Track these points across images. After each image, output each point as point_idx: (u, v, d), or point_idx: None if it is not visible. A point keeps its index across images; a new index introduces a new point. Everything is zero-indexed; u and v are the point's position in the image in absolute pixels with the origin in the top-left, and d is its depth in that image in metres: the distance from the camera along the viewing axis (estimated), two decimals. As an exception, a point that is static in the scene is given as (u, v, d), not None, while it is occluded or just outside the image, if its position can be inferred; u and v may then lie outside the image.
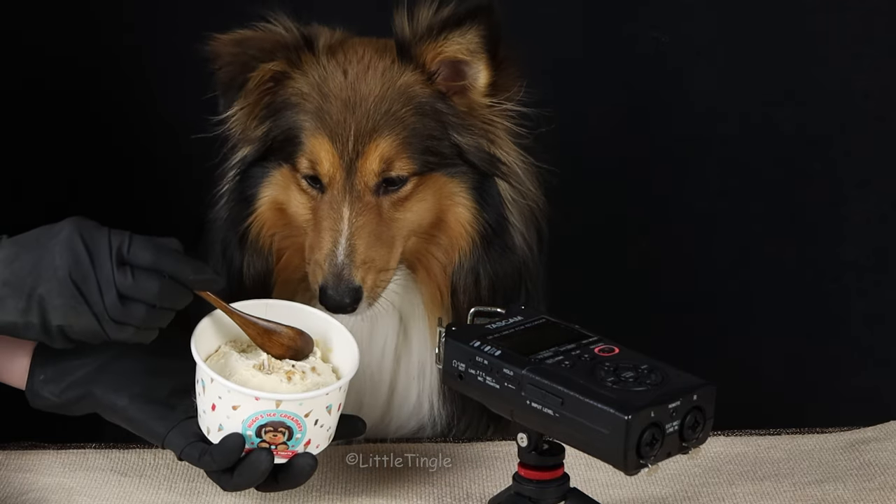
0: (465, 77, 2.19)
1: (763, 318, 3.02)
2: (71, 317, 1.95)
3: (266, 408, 1.96)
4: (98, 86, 2.86)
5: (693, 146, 2.97)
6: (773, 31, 2.92)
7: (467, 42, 2.15)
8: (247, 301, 2.09)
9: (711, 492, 2.11)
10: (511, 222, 2.23)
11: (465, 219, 2.21)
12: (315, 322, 2.11)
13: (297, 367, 2.02)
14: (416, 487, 2.13)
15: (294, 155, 2.18)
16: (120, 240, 1.96)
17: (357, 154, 2.14)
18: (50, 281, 1.94)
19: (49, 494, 2.09)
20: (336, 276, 2.11)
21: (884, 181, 2.98)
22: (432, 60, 2.17)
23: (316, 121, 2.16)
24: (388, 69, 2.19)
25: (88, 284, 1.94)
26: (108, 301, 1.94)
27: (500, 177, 2.22)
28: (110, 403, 2.04)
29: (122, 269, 1.95)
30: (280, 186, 2.22)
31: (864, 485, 2.11)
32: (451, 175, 2.19)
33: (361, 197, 2.15)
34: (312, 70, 2.19)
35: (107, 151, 2.88)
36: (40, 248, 1.95)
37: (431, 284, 2.24)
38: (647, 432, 1.79)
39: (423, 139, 2.17)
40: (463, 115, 2.20)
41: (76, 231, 1.95)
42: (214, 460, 1.98)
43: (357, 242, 2.13)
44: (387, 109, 2.16)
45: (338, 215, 2.14)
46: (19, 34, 2.81)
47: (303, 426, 1.97)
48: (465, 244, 2.21)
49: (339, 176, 2.15)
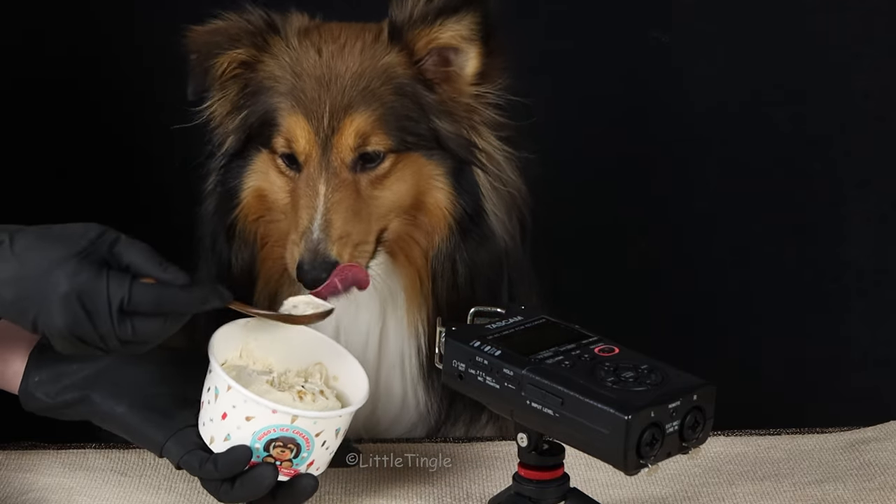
0: (451, 64, 2.20)
1: (763, 318, 3.02)
2: (73, 352, 1.95)
3: (281, 422, 1.94)
4: (97, 76, 2.86)
5: (693, 146, 2.97)
6: (773, 31, 2.92)
7: (461, 29, 2.17)
8: (234, 322, 2.08)
9: (711, 492, 2.11)
10: (489, 211, 2.23)
11: (442, 203, 2.22)
12: (321, 348, 2.10)
13: (307, 388, 2.02)
14: (416, 487, 2.12)
15: (271, 137, 2.19)
16: (120, 294, 1.89)
17: (332, 130, 2.15)
18: (50, 329, 1.91)
19: (49, 494, 2.09)
20: (312, 251, 2.12)
21: (884, 181, 2.98)
22: (424, 46, 2.19)
23: (290, 100, 2.18)
24: (368, 48, 2.20)
25: (90, 337, 1.91)
26: (111, 346, 1.92)
27: (477, 165, 2.22)
28: (108, 410, 2.02)
29: (123, 321, 1.90)
30: (261, 173, 2.23)
31: (864, 485, 2.11)
32: (429, 157, 2.20)
33: (338, 173, 2.16)
34: (283, 53, 2.21)
35: (104, 143, 2.88)
36: (41, 291, 1.90)
37: (411, 270, 2.24)
38: (647, 432, 1.79)
39: (400, 118, 2.18)
40: (444, 102, 2.21)
41: (73, 292, 1.89)
42: (218, 469, 1.95)
43: (333, 217, 2.13)
44: (364, 86, 2.17)
45: (313, 192, 2.15)
46: (16, 27, 2.82)
47: (311, 445, 1.97)
48: (442, 228, 2.22)
49: (314, 153, 2.16)
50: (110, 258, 1.93)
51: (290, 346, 2.09)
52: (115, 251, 1.94)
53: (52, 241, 1.93)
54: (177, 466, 2.00)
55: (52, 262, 1.91)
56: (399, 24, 2.19)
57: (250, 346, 2.07)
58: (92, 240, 1.93)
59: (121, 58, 2.87)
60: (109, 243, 1.94)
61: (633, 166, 2.96)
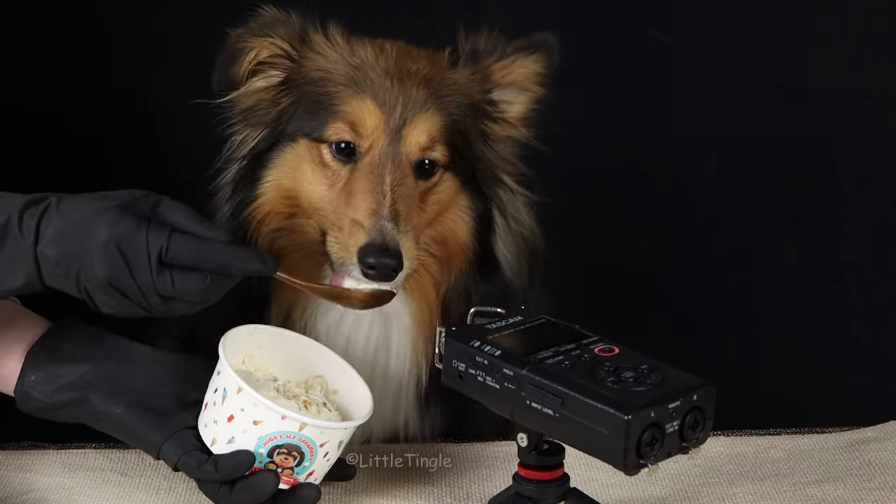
0: (504, 103, 2.21)
1: (763, 318, 3.02)
2: (117, 309, 1.95)
3: (289, 428, 1.94)
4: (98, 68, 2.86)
5: (693, 146, 2.97)
6: (773, 31, 2.92)
7: (534, 70, 2.20)
8: (241, 327, 2.07)
9: (711, 492, 2.11)
10: (500, 251, 2.22)
11: (462, 237, 2.19)
12: (323, 361, 2.10)
13: (312, 399, 2.02)
14: (416, 487, 2.13)
15: (324, 124, 2.13)
16: (159, 244, 1.90)
17: (404, 122, 2.12)
18: (92, 282, 1.92)
19: (49, 494, 2.09)
20: (381, 232, 2.05)
21: (884, 181, 2.98)
22: (501, 77, 2.19)
23: (354, 87, 2.13)
24: (435, 59, 2.19)
25: (130, 289, 1.91)
26: (152, 301, 1.93)
27: (496, 204, 2.21)
28: (105, 410, 2.02)
29: (163, 273, 1.91)
30: (290, 167, 2.16)
31: (864, 485, 2.11)
32: (463, 183, 2.18)
33: (402, 168, 2.11)
34: (330, 49, 2.18)
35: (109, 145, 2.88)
36: (82, 243, 1.91)
37: (421, 302, 2.20)
38: (647, 432, 1.79)
39: (458, 135, 2.16)
40: (494, 135, 2.21)
41: (112, 240, 1.90)
42: (218, 470, 1.95)
43: (400, 208, 2.08)
44: (435, 90, 2.15)
45: (378, 179, 2.09)
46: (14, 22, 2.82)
47: (314, 455, 1.96)
48: (460, 264, 2.20)
49: (381, 141, 2.11)
50: (152, 216, 1.94)
51: (293, 357, 2.09)
52: (158, 210, 1.95)
53: (95, 198, 1.95)
54: (174, 468, 2.00)
55: (93, 214, 1.92)
56: (474, 51, 2.19)
57: (254, 353, 2.07)
58: (136, 197, 1.95)
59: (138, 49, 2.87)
60: (153, 203, 1.95)
61: (634, 166, 2.96)
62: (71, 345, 2.06)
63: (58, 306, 2.13)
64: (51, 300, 2.15)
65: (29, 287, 1.95)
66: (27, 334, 2.08)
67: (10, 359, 2.07)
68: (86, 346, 2.06)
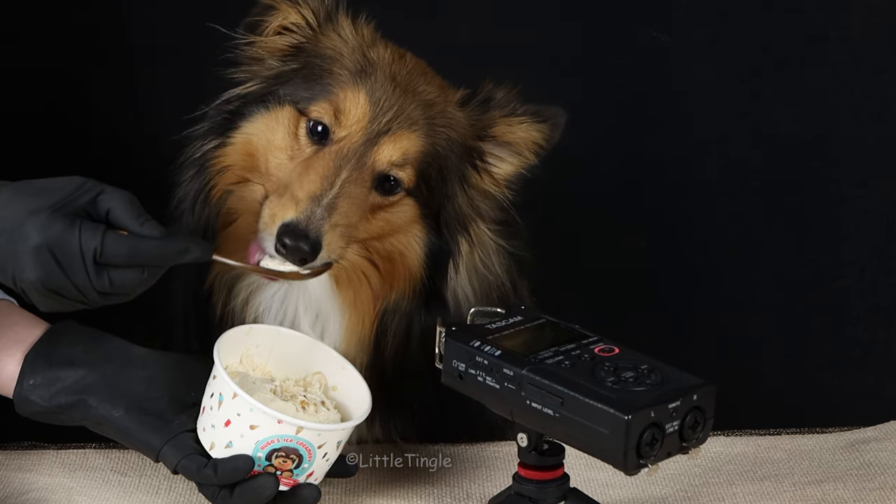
0: (495, 158, 2.20)
1: (763, 318, 3.02)
2: (55, 307, 1.93)
3: (285, 432, 1.94)
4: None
5: (693, 146, 2.97)
6: (773, 31, 2.92)
7: (533, 137, 2.19)
8: (236, 328, 2.07)
9: (711, 492, 2.11)
10: (459, 291, 2.20)
11: (411, 265, 2.17)
12: (321, 357, 2.10)
13: (310, 399, 2.02)
14: (416, 487, 2.13)
15: (310, 100, 2.13)
16: (92, 245, 1.89)
17: (387, 130, 2.11)
18: (26, 283, 1.91)
19: (49, 494, 2.09)
20: (308, 217, 2.04)
21: (883, 181, 2.98)
22: (502, 131, 2.19)
23: (356, 77, 2.13)
24: (446, 91, 2.19)
25: (66, 289, 1.90)
26: (90, 298, 1.92)
27: (453, 250, 2.19)
28: (104, 413, 2.01)
29: (99, 272, 1.90)
30: (267, 127, 2.16)
31: (864, 485, 2.11)
32: (423, 216, 2.17)
33: (363, 171, 2.10)
34: (351, 35, 2.17)
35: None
36: (13, 245, 1.90)
37: (355, 312, 2.18)
38: (647, 432, 1.79)
39: (435, 167, 2.15)
40: (473, 184, 2.20)
41: (44, 244, 1.88)
42: (217, 475, 1.95)
43: (340, 203, 2.07)
44: (431, 117, 2.15)
45: (336, 171, 2.09)
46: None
47: (313, 456, 1.96)
48: (404, 287, 2.17)
49: (357, 136, 2.11)
50: (91, 209, 1.92)
51: (290, 354, 2.08)
52: (98, 200, 1.93)
53: (29, 195, 1.92)
54: (173, 471, 1.99)
55: (25, 215, 1.90)
56: (487, 98, 2.18)
57: (251, 352, 2.07)
58: (70, 192, 1.93)
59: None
60: (92, 194, 1.93)
61: (633, 166, 2.96)
62: (69, 348, 2.06)
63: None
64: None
65: None
66: (26, 336, 2.08)
67: (8, 361, 2.07)
68: (84, 349, 2.05)
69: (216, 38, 2.21)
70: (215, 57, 2.21)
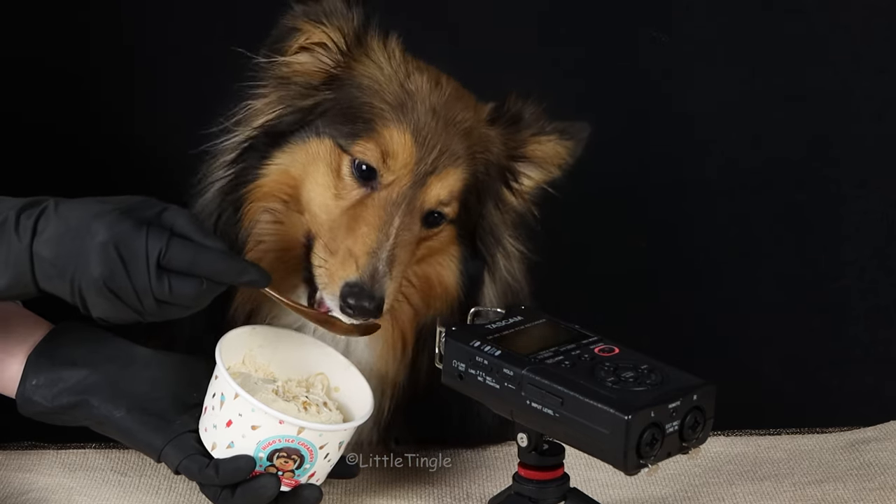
0: (524, 175, 2.21)
1: (763, 318, 3.02)
2: (110, 313, 1.94)
3: (287, 433, 1.94)
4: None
5: (693, 146, 2.97)
6: (773, 31, 2.92)
7: (560, 153, 2.20)
8: (239, 328, 2.07)
9: (711, 492, 2.11)
10: (486, 301, 2.19)
11: (448, 282, 2.17)
12: (324, 359, 2.10)
13: (311, 399, 2.02)
14: (416, 487, 2.13)
15: (354, 137, 2.08)
16: (158, 247, 1.89)
17: (434, 169, 2.07)
18: (87, 282, 1.91)
19: (49, 494, 2.09)
20: (372, 276, 2.01)
21: (883, 181, 2.97)
22: (532, 148, 2.19)
23: (398, 113, 2.08)
24: (478, 109, 2.16)
25: (125, 292, 1.91)
26: (147, 305, 1.92)
27: (488, 263, 2.19)
28: (106, 413, 2.02)
29: (160, 277, 1.90)
30: (306, 160, 2.11)
31: (864, 485, 2.11)
32: (459, 235, 2.16)
33: (413, 213, 2.07)
34: (385, 61, 2.12)
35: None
36: (79, 243, 1.91)
37: (395, 330, 2.17)
38: (647, 432, 1.79)
39: (475, 192, 2.14)
40: (505, 200, 2.20)
41: (111, 241, 1.89)
42: (219, 475, 1.95)
43: (399, 254, 2.04)
44: (470, 146, 2.12)
45: (388, 218, 2.04)
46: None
47: (314, 457, 1.96)
48: (441, 305, 2.16)
49: (405, 180, 2.07)
50: (153, 219, 1.93)
51: (293, 355, 2.09)
52: (162, 215, 1.94)
53: (94, 202, 1.94)
54: (175, 471, 2.00)
55: (92, 216, 1.91)
56: (517, 116, 2.17)
57: (253, 352, 2.07)
58: (136, 202, 1.95)
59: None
60: (158, 209, 1.95)
61: (633, 166, 2.96)
62: (72, 348, 2.06)
63: (59, 308, 2.13)
64: (52, 301, 2.15)
65: (16, 289, 1.94)
66: (29, 337, 2.08)
67: (11, 361, 2.07)
68: (87, 349, 2.06)
69: (219, 38, 2.19)
70: (229, 69, 2.17)
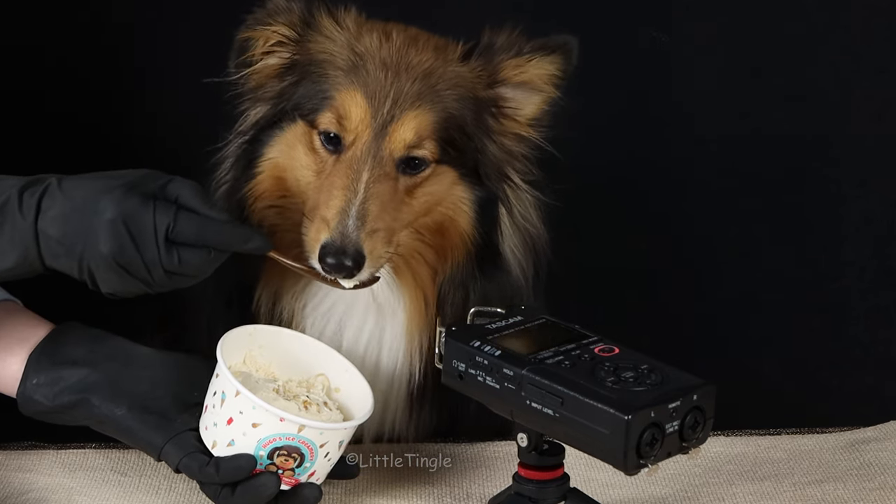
0: (514, 101, 2.19)
1: (763, 318, 3.02)
2: (118, 287, 1.97)
3: (288, 431, 1.94)
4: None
5: (693, 147, 2.97)
6: (773, 31, 2.92)
7: (548, 71, 2.18)
8: (240, 328, 2.08)
9: (711, 492, 2.11)
10: (507, 247, 2.21)
11: (463, 228, 2.18)
12: (325, 359, 2.10)
13: (312, 399, 2.02)
14: (416, 487, 2.13)
15: (316, 110, 2.13)
16: (166, 221, 1.94)
17: (392, 118, 2.10)
18: (96, 258, 1.94)
19: (49, 494, 2.09)
20: (342, 234, 2.05)
21: (883, 181, 2.98)
22: (512, 75, 2.17)
23: (350, 76, 2.12)
24: (442, 49, 2.17)
25: (135, 266, 1.95)
26: (156, 277, 1.96)
27: (503, 200, 2.20)
28: (107, 412, 2.02)
29: (169, 249, 1.95)
30: (287, 146, 2.16)
31: (864, 485, 2.11)
32: (462, 178, 2.17)
33: (383, 164, 2.10)
34: (338, 33, 2.16)
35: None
36: (86, 221, 1.94)
37: (417, 290, 2.19)
38: (647, 432, 1.79)
39: (454, 128, 2.14)
40: (498, 132, 2.19)
41: (119, 217, 1.93)
42: (219, 473, 1.95)
43: (370, 207, 2.07)
44: (434, 84, 2.13)
45: (355, 176, 2.08)
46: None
47: (315, 455, 1.96)
48: (459, 255, 2.18)
49: (365, 136, 2.10)
50: (160, 194, 1.97)
51: (294, 355, 2.09)
52: (167, 187, 1.98)
53: (99, 177, 1.98)
54: (175, 470, 2.00)
55: (98, 192, 1.95)
56: (489, 45, 2.17)
57: (254, 352, 2.07)
58: (141, 177, 1.99)
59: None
60: (163, 181, 1.99)
61: (633, 166, 2.96)
62: (72, 348, 2.06)
63: (59, 308, 2.13)
64: (52, 301, 2.16)
65: (22, 268, 1.97)
66: (30, 336, 2.08)
67: (12, 361, 2.07)
68: (87, 348, 2.06)
69: (218, 44, 2.21)
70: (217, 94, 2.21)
